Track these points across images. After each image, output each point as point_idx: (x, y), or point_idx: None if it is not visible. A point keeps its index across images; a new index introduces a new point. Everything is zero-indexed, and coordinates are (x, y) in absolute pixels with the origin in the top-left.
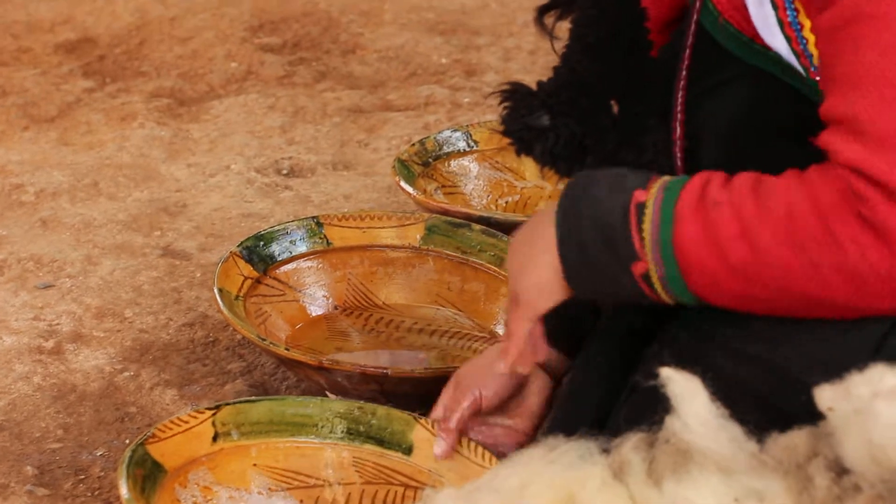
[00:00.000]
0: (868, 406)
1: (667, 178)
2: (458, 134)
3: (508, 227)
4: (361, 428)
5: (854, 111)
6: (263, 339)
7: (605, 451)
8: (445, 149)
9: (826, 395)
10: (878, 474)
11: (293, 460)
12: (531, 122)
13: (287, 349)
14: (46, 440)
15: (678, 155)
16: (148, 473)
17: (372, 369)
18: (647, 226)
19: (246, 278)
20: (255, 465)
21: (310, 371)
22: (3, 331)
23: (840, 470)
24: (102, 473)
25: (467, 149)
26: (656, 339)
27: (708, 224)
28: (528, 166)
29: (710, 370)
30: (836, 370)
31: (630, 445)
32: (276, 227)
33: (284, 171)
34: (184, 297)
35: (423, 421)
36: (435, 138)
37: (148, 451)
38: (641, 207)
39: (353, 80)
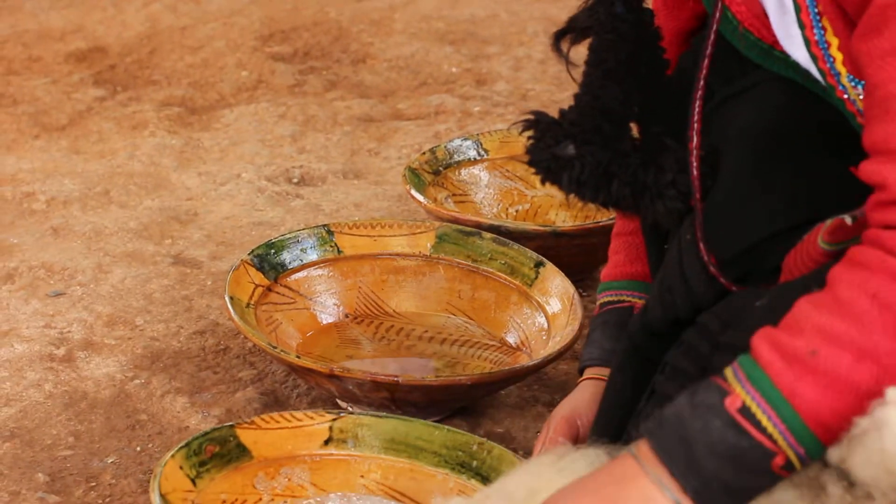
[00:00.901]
0: (880, 416)
1: (729, 371)
2: (468, 143)
3: (519, 236)
4: (475, 463)
5: None
6: (274, 347)
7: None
8: (456, 157)
9: None
10: (891, 483)
11: (403, 482)
12: (557, 151)
13: (298, 357)
14: (58, 447)
15: (694, 164)
16: (224, 453)
17: (383, 377)
18: (767, 422)
19: (257, 286)
20: (363, 476)
21: (321, 379)
22: (14, 338)
23: (853, 479)
24: (113, 480)
25: (478, 157)
26: (676, 345)
27: (820, 376)
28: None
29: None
30: None
31: None
32: (287, 235)
33: (295, 180)
34: (195, 305)
35: None
36: (445, 147)
37: (237, 433)
38: (746, 411)
39: (363, 88)
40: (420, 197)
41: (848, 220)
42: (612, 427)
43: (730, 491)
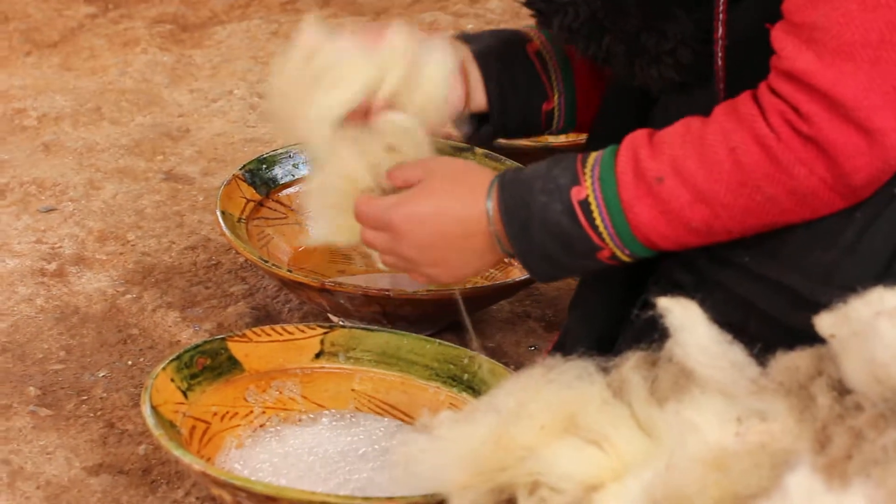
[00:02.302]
0: (870, 326)
1: (591, 160)
2: None
3: (511, 152)
4: (466, 376)
5: (814, 18)
6: (266, 262)
7: (604, 370)
8: None
9: (826, 322)
10: (880, 393)
11: (394, 395)
12: None
13: (289, 271)
14: (49, 361)
15: (719, 54)
16: (215, 366)
17: (374, 291)
18: (599, 221)
19: (248, 201)
20: (353, 389)
21: (312, 293)
22: (5, 254)
23: (842, 389)
24: (105, 394)
25: None
26: (660, 261)
27: (659, 202)
28: None
29: (719, 290)
30: (843, 289)
31: (631, 364)
32: (279, 150)
33: None
34: (186, 221)
35: None
36: None
37: (228, 346)
38: (586, 205)
39: (357, 6)
40: None
41: None
42: (604, 337)
43: (553, 263)
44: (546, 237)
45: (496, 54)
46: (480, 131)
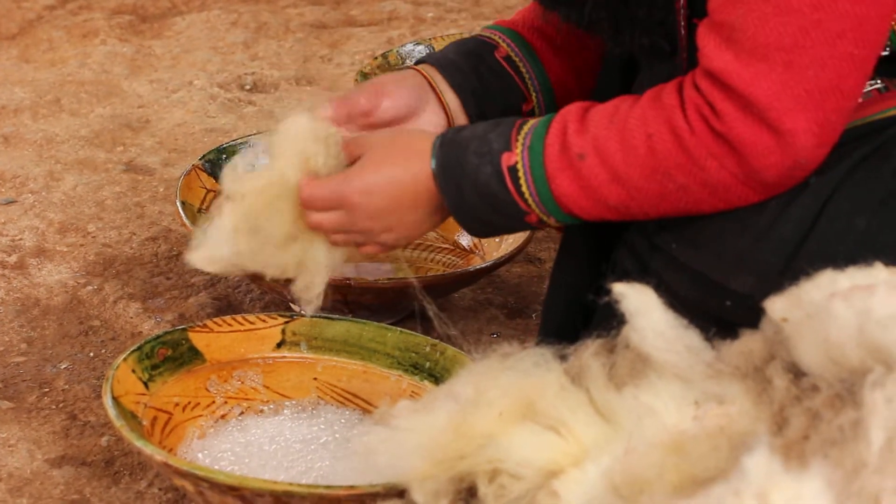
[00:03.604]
0: (824, 308)
1: (526, 128)
2: (420, 47)
3: None
4: (428, 364)
5: (733, 18)
6: None
7: (562, 357)
8: (408, 62)
9: (778, 306)
10: (836, 374)
11: (356, 384)
12: None
13: None
14: (10, 354)
15: (682, 23)
16: (177, 356)
17: (336, 279)
18: (525, 189)
19: (208, 191)
20: (315, 378)
21: (273, 283)
22: None
23: (798, 371)
24: (67, 386)
25: None
26: (616, 249)
27: (579, 178)
28: None
29: (653, 277)
30: (753, 273)
31: (589, 351)
32: (239, 140)
33: (247, 87)
34: (147, 212)
35: None
36: (398, 51)
37: (189, 336)
38: (514, 171)
39: None
40: None
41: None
42: (566, 325)
43: (484, 223)
44: (477, 198)
45: (466, 72)
46: None
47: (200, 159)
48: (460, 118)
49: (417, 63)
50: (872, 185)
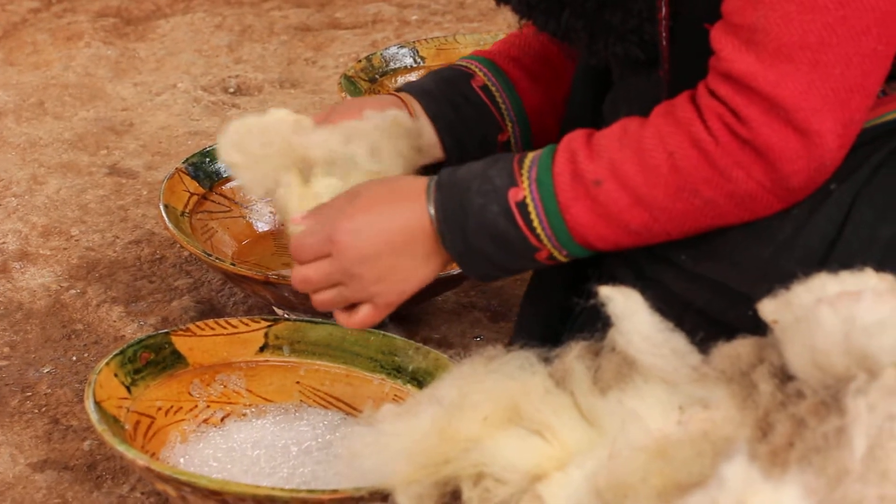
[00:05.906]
0: (811, 313)
1: (528, 161)
2: (404, 50)
3: None
4: (411, 368)
5: (754, 20)
6: (209, 255)
7: (546, 360)
8: (392, 65)
9: (769, 308)
10: (821, 380)
11: (339, 387)
12: None
13: (233, 264)
14: None
15: (663, 34)
16: (159, 360)
17: None
18: (537, 224)
19: (192, 195)
20: (298, 382)
21: (256, 286)
22: None
23: (784, 377)
24: (49, 390)
25: (414, 65)
26: (606, 258)
27: (596, 205)
28: None
29: (656, 286)
30: (778, 283)
31: (574, 354)
32: None
33: (231, 90)
34: (130, 215)
35: None
36: (381, 55)
37: (171, 340)
38: (523, 207)
39: None
40: None
41: None
42: (549, 329)
43: (491, 264)
44: (483, 239)
45: (441, 100)
46: None
47: (184, 162)
48: (436, 152)
49: (396, 91)
50: (894, 193)
